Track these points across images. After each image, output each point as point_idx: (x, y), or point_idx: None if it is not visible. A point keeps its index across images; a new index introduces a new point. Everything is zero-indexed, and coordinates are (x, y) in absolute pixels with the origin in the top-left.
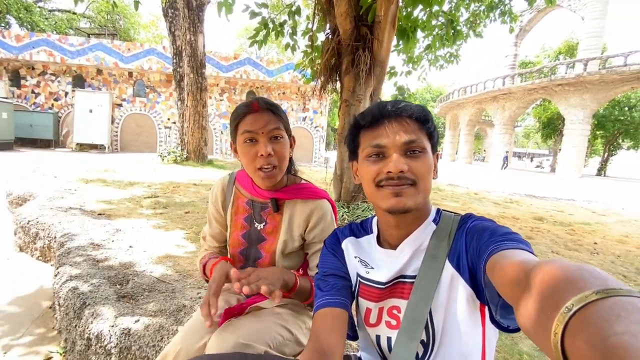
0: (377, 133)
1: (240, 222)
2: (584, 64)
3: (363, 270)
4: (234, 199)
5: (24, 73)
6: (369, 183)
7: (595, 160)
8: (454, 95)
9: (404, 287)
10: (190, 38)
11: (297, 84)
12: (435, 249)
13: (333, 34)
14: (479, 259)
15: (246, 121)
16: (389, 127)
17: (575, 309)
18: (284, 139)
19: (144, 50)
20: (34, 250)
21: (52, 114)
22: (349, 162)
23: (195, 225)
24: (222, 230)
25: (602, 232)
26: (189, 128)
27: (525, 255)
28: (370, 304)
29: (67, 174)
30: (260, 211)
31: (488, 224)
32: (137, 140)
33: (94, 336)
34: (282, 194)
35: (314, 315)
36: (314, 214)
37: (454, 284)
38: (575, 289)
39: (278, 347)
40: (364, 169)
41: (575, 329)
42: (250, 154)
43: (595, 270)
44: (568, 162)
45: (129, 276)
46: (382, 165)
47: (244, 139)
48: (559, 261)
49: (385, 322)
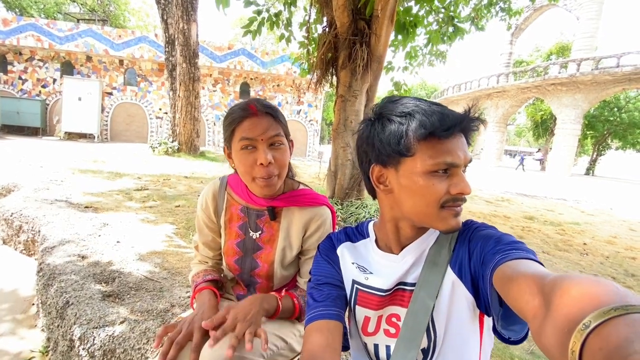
0: (448, 147)
1: (234, 230)
2: (577, 64)
3: (361, 276)
4: (227, 205)
5: (10, 58)
6: (430, 204)
7: (584, 159)
8: (448, 92)
9: (404, 295)
10: (183, 26)
11: (292, 77)
12: (436, 256)
13: (330, 27)
14: (483, 268)
15: (244, 126)
16: (457, 141)
17: (593, 326)
18: (285, 146)
19: (136, 37)
20: (18, 244)
21: (39, 101)
22: (369, 165)
23: (185, 219)
24: (214, 237)
25: (591, 232)
26: (180, 119)
27: (535, 267)
28: (369, 312)
29: (54, 163)
30: (255, 219)
31: (492, 231)
32: (127, 130)
33: (77, 338)
34: (280, 202)
35: (308, 327)
36: (312, 221)
37: (456, 292)
38: (593, 305)
39: (272, 357)
40: (425, 187)
41: (594, 347)
42: (248, 162)
43: (614, 285)
44: (558, 160)
45: (115, 274)
46: (448, 184)
47: (242, 145)
48: (576, 276)
49: (384, 331)
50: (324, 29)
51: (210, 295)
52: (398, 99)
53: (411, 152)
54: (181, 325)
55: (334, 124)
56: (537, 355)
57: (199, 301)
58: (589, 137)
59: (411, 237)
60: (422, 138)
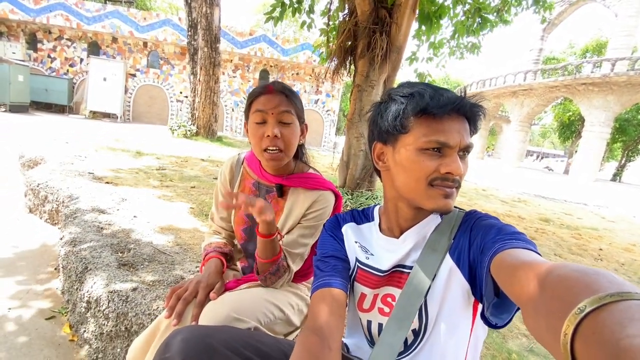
0: (442, 127)
1: None
2: (612, 64)
3: (363, 255)
4: (241, 178)
5: (40, 36)
6: (419, 179)
7: (612, 164)
8: (472, 87)
9: (401, 277)
10: (206, 10)
11: (311, 65)
12: (436, 242)
13: (350, 14)
14: (482, 256)
15: (259, 100)
16: (455, 123)
17: (587, 311)
18: (294, 125)
19: (160, 20)
20: (43, 213)
21: (67, 79)
22: (372, 143)
23: (200, 200)
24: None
25: (609, 238)
26: (200, 103)
27: (534, 256)
28: (366, 289)
29: (78, 140)
30: (265, 194)
31: (494, 221)
32: (149, 111)
33: (93, 300)
34: (287, 181)
35: (313, 294)
36: (315, 203)
37: (452, 278)
38: (589, 291)
39: (269, 324)
40: (416, 162)
41: (587, 330)
42: (258, 134)
43: (612, 275)
44: (583, 164)
45: (130, 245)
46: (439, 163)
47: (255, 118)
48: (573, 264)
49: (378, 309)
50: (344, 17)
51: (217, 263)
52: (411, 83)
53: (407, 129)
54: (187, 284)
55: (349, 113)
56: (536, 353)
57: (206, 267)
58: (619, 142)
59: (410, 219)
60: (416, 115)
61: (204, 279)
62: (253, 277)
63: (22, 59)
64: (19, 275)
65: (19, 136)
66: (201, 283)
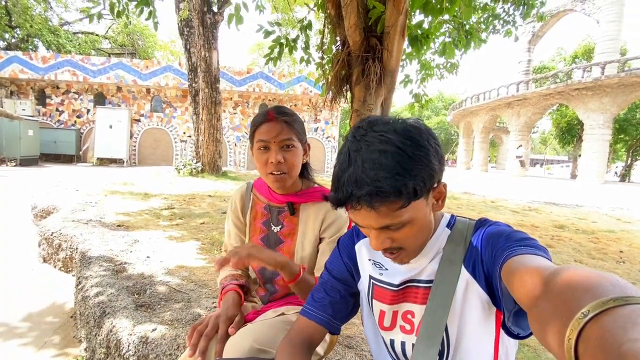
0: (360, 218)
1: (258, 226)
2: (602, 68)
3: (376, 272)
4: (252, 205)
5: (49, 92)
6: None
7: (618, 165)
8: (466, 103)
9: (417, 292)
10: (205, 54)
11: (308, 96)
12: (452, 253)
13: (343, 45)
14: (493, 264)
15: (261, 130)
16: (366, 214)
17: (591, 315)
18: (296, 148)
19: (161, 67)
20: (57, 261)
21: (74, 130)
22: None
23: (210, 236)
24: (242, 238)
25: (628, 240)
26: (204, 141)
27: (542, 261)
28: (383, 306)
29: (88, 187)
30: (277, 215)
31: (504, 228)
32: (154, 154)
33: (113, 344)
34: (297, 198)
35: (297, 317)
36: (328, 215)
37: (469, 290)
38: (592, 296)
39: None
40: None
41: (590, 335)
42: (262, 160)
43: (615, 278)
44: (589, 168)
45: (146, 286)
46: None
47: (258, 146)
48: (578, 268)
49: (400, 327)
50: (337, 48)
51: (234, 296)
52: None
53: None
54: (208, 319)
55: None
56: None
57: (224, 301)
58: (621, 142)
59: None
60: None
61: (224, 313)
62: (272, 305)
63: (31, 115)
64: (37, 325)
65: (30, 188)
66: (221, 317)
